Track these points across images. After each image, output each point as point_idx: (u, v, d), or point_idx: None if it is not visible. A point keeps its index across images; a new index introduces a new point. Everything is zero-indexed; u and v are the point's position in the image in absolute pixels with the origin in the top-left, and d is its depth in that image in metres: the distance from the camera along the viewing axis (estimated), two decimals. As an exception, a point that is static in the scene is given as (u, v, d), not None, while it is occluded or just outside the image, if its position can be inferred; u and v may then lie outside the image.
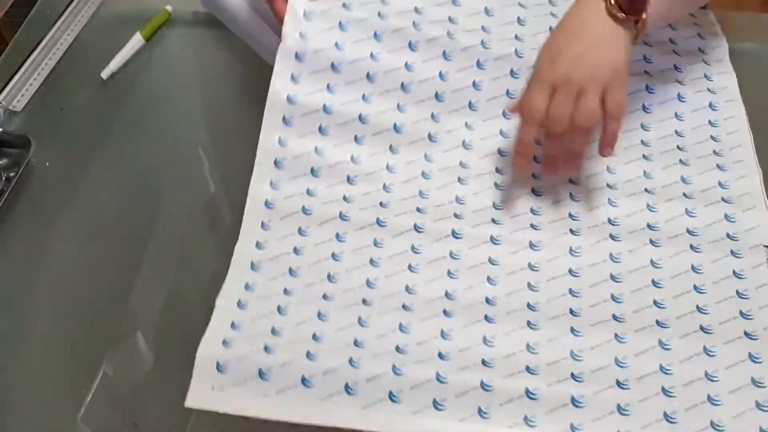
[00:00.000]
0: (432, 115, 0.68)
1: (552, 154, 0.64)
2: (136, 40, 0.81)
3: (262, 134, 0.66)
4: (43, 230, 0.67)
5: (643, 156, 0.67)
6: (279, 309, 0.58)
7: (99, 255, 0.65)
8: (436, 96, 0.68)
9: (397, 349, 0.56)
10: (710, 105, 0.70)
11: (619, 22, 0.58)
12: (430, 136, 0.67)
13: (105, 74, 0.78)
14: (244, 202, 0.65)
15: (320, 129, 0.66)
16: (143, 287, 0.62)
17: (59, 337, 0.61)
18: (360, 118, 0.67)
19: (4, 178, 0.69)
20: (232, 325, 0.57)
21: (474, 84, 0.69)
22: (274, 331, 0.57)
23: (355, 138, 0.66)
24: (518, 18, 0.72)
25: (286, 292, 0.59)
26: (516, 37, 0.71)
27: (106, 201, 0.69)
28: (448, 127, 0.68)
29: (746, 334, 0.56)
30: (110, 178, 0.71)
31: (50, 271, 0.64)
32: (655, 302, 0.58)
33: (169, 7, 0.84)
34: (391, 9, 0.69)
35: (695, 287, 0.59)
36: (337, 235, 0.62)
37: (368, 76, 0.68)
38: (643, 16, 0.58)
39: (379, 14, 0.69)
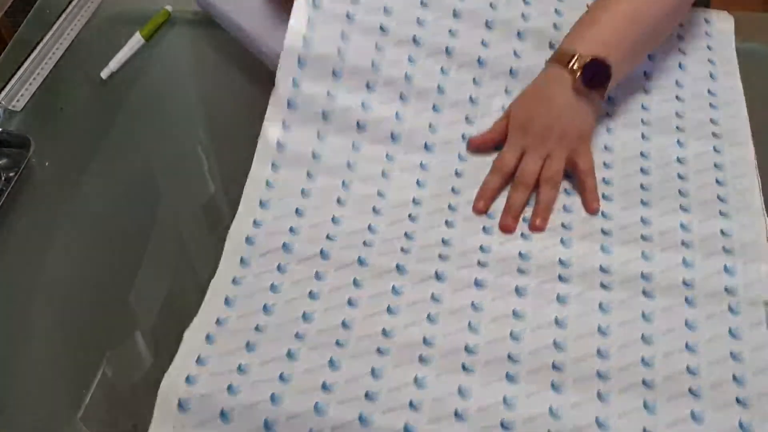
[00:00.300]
0: (421, 164, 0.67)
1: (515, 204, 0.63)
2: (136, 40, 0.81)
3: (250, 177, 0.65)
4: (43, 230, 0.67)
5: (642, 201, 0.64)
6: (248, 345, 0.56)
7: (98, 255, 0.65)
8: (426, 147, 0.68)
9: (367, 395, 0.53)
10: (714, 148, 0.67)
11: (584, 94, 0.63)
12: (418, 183, 0.66)
13: (105, 74, 0.78)
14: (243, 202, 0.65)
15: (308, 174, 0.66)
16: (142, 287, 0.62)
17: (59, 337, 0.61)
18: (348, 165, 0.66)
19: (3, 178, 0.69)
20: (198, 360, 0.55)
21: (462, 137, 0.68)
22: (240, 369, 0.54)
23: (343, 183, 0.65)
24: (510, 69, 0.71)
25: (257, 328, 0.57)
26: (506, 91, 0.70)
27: (106, 201, 0.69)
28: (437, 175, 0.66)
29: (738, 401, 0.53)
30: (110, 178, 0.71)
31: (50, 271, 0.64)
32: (642, 360, 0.55)
33: (168, 7, 0.84)
34: (385, 57, 0.69)
35: (687, 345, 0.56)
36: (317, 273, 0.60)
37: (358, 124, 0.67)
38: (606, 88, 0.64)
39: (372, 63, 0.69)
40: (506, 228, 0.63)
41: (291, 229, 0.63)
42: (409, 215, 0.64)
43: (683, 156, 0.67)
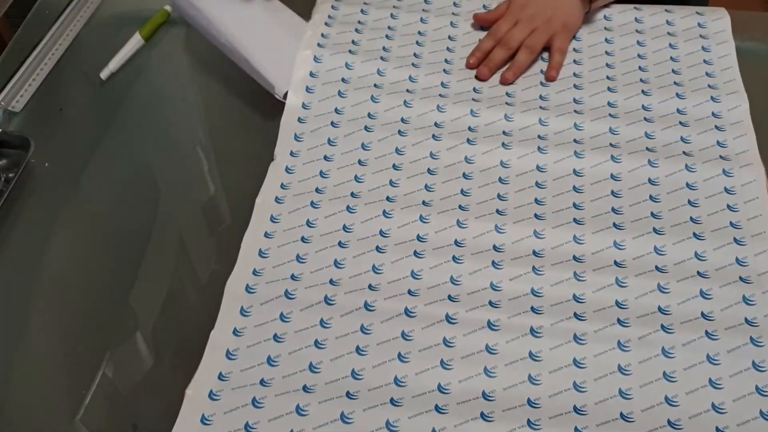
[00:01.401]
0: (423, 202, 0.66)
1: (494, 58, 0.76)
2: (135, 40, 0.81)
3: (249, 229, 0.64)
4: (43, 230, 0.67)
5: (654, 229, 0.63)
6: (254, 402, 0.54)
7: (98, 255, 0.65)
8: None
9: None
10: (724, 171, 0.67)
11: None
12: (421, 218, 0.64)
13: (104, 74, 0.78)
14: (243, 202, 0.65)
15: (308, 222, 0.64)
16: (143, 287, 0.62)
17: (59, 337, 0.61)
18: (348, 208, 0.65)
19: (3, 179, 0.69)
20: (203, 420, 0.53)
21: (462, 191, 0.67)
22: (247, 428, 0.53)
23: (344, 227, 0.64)
24: (503, 131, 0.71)
25: (263, 383, 0.55)
26: (503, 144, 0.69)
27: (106, 201, 0.69)
28: (437, 228, 0.65)
29: None
30: (109, 178, 0.71)
31: (50, 271, 0.64)
32: (666, 399, 0.54)
33: (168, 7, 0.84)
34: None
35: (710, 381, 0.55)
36: (322, 320, 0.58)
37: (360, 162, 0.68)
38: None
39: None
40: (480, 75, 0.76)
41: (292, 276, 0.61)
42: (414, 252, 0.62)
43: (693, 181, 0.66)
